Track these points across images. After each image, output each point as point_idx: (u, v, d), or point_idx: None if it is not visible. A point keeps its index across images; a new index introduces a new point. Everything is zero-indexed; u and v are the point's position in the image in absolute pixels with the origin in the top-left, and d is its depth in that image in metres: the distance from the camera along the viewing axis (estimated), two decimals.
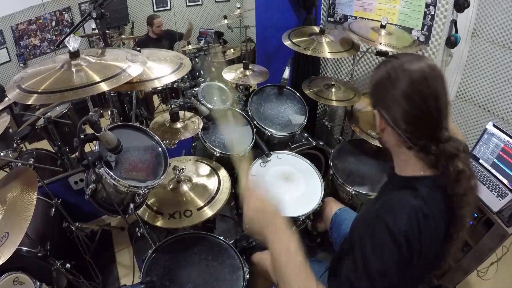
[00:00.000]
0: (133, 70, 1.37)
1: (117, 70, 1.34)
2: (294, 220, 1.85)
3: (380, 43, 1.97)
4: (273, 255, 0.94)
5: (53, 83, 1.25)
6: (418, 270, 0.91)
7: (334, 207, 1.82)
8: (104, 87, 1.26)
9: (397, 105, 0.93)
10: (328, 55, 2.14)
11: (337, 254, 1.41)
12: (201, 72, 3.08)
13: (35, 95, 1.20)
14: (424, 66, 0.92)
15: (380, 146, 1.12)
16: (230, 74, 2.40)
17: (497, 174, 1.83)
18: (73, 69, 1.31)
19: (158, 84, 1.58)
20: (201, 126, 1.89)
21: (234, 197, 2.39)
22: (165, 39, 3.67)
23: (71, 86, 1.23)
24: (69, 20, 3.19)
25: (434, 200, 0.91)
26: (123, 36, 3.50)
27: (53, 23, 3.12)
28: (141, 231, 1.86)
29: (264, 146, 2.14)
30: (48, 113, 2.25)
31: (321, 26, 2.66)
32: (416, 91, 0.90)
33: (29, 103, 1.20)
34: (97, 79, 1.27)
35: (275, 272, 0.95)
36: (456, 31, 2.13)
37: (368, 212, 1.03)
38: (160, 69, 1.62)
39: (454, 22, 2.12)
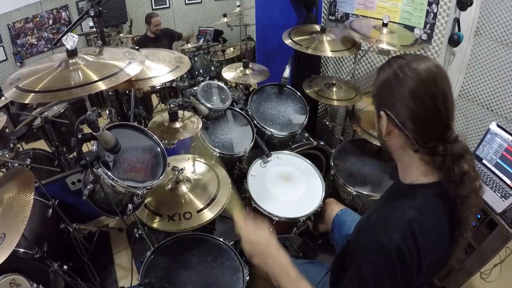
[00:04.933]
0: (131, 69, 1.35)
1: (115, 69, 1.32)
2: (294, 221, 1.83)
3: (382, 42, 1.94)
4: (275, 277, 1.07)
5: (50, 82, 1.23)
6: (420, 278, 0.91)
7: (335, 208, 1.81)
8: (101, 86, 1.24)
9: (405, 105, 0.90)
10: (330, 54, 2.12)
11: (339, 257, 1.39)
12: (200, 71, 3.06)
13: (32, 94, 1.19)
14: (432, 66, 0.91)
15: (382, 148, 1.09)
16: (230, 73, 2.38)
17: (501, 175, 1.82)
18: (71, 68, 1.30)
19: (156, 83, 1.56)
20: (200, 125, 1.87)
21: None
22: (164, 38, 3.66)
23: (68, 85, 1.21)
24: (67, 19, 3.17)
25: (432, 209, 0.91)
26: (121, 34, 3.48)
27: (50, 22, 3.10)
28: (140, 232, 1.85)
29: (264, 146, 2.12)
30: (45, 113, 2.25)
31: (322, 24, 2.64)
32: (425, 90, 0.89)
33: (26, 102, 1.19)
34: (95, 78, 1.25)
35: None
36: (459, 30, 2.12)
37: (367, 223, 1.03)
38: (158, 69, 1.61)
39: (457, 20, 2.10)
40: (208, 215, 1.67)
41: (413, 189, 0.96)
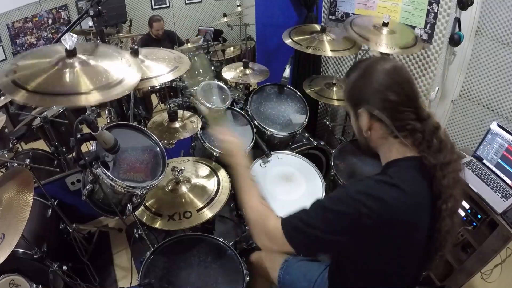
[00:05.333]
0: (128, 81, 1.28)
1: (111, 80, 1.25)
2: None
3: (381, 44, 1.94)
4: (237, 177, 1.19)
5: (44, 82, 1.17)
6: (404, 251, 0.97)
7: None
8: (91, 99, 1.17)
9: (378, 97, 0.99)
10: (330, 54, 2.11)
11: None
12: (200, 71, 3.05)
13: (23, 91, 1.13)
14: (393, 61, 1.04)
15: (362, 146, 1.16)
16: (230, 73, 2.37)
17: (501, 175, 1.81)
18: (66, 70, 1.23)
19: (155, 83, 1.56)
20: (200, 125, 1.86)
21: (234, 198, 2.36)
22: (166, 41, 3.64)
23: (59, 91, 1.16)
24: (66, 18, 3.16)
25: (408, 177, 0.95)
26: (120, 34, 3.47)
27: (50, 21, 3.09)
28: (139, 232, 1.84)
29: (264, 146, 2.11)
30: (45, 113, 2.23)
31: (322, 24, 2.63)
32: (392, 80, 0.99)
33: (16, 99, 1.12)
34: (90, 87, 1.19)
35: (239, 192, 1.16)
36: (460, 29, 2.11)
37: None
38: (158, 68, 1.60)
39: (457, 20, 2.09)
40: (208, 213, 1.66)
41: (388, 165, 1.05)
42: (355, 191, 0.91)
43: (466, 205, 1.80)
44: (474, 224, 1.77)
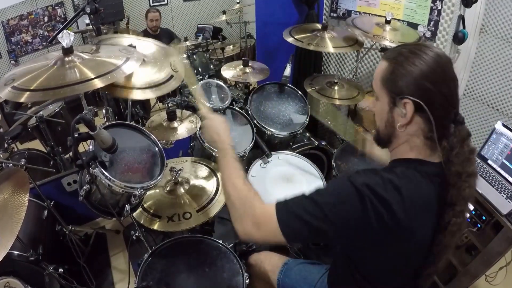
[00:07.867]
0: (128, 67, 1.33)
1: (111, 67, 1.30)
2: None
3: (384, 39, 1.92)
4: (221, 164, 1.13)
5: (46, 80, 1.21)
6: (402, 253, 0.92)
7: None
8: (98, 83, 1.21)
9: (428, 89, 0.87)
10: (332, 50, 2.09)
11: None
12: (199, 69, 3.03)
13: (28, 92, 1.17)
14: (441, 51, 0.92)
15: (379, 140, 1.06)
16: (229, 72, 2.36)
17: (506, 175, 1.80)
18: (66, 66, 1.27)
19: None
20: (199, 125, 1.84)
21: None
22: (164, 38, 3.61)
23: (64, 83, 1.19)
24: (62, 16, 3.13)
25: (414, 181, 0.89)
26: (118, 32, 3.43)
27: (46, 19, 3.07)
28: (137, 234, 1.81)
29: (264, 146, 2.08)
30: (40, 112, 2.22)
31: (323, 22, 2.61)
32: (444, 71, 0.88)
33: (22, 101, 1.17)
34: (91, 75, 1.23)
35: (222, 180, 1.11)
36: (464, 27, 2.10)
37: None
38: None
39: (461, 18, 2.09)
40: (208, 214, 1.65)
41: (397, 161, 0.97)
42: (362, 183, 0.85)
43: (470, 206, 1.78)
44: (479, 225, 1.76)
